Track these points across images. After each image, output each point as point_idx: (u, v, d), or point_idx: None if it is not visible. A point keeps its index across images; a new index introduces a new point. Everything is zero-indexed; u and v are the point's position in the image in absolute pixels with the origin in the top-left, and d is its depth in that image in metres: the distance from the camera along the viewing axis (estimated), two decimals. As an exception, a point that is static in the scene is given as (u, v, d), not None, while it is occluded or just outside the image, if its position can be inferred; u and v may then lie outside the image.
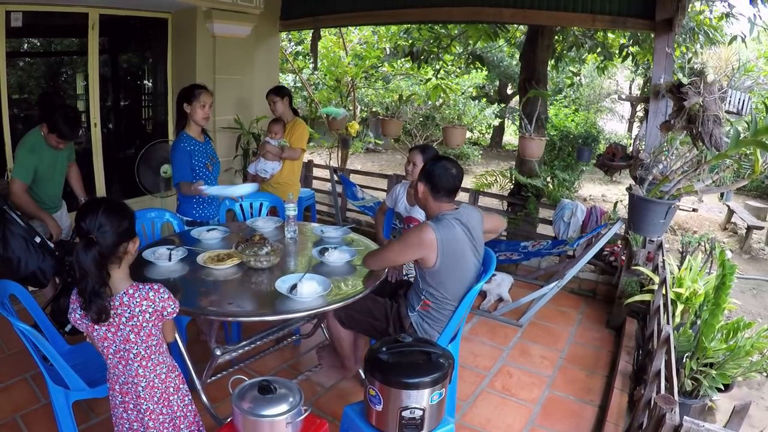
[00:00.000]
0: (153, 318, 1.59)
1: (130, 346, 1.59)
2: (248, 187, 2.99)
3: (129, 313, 1.56)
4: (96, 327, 1.57)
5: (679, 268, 3.27)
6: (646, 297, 3.24)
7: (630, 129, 15.13)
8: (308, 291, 2.03)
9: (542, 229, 4.92)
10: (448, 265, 2.08)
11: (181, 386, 1.75)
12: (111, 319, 1.55)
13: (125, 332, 1.57)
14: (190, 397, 1.80)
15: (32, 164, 2.85)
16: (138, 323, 1.57)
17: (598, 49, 6.37)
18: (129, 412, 1.67)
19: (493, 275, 3.98)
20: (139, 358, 1.62)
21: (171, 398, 1.70)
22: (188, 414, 1.77)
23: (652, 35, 3.88)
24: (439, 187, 2.13)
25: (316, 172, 6.24)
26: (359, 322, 2.40)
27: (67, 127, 2.85)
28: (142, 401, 1.64)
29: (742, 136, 2.90)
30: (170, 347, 1.78)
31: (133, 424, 1.68)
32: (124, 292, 1.56)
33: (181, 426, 1.73)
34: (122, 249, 1.58)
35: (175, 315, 1.66)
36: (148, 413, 1.66)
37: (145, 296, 1.57)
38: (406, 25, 6.77)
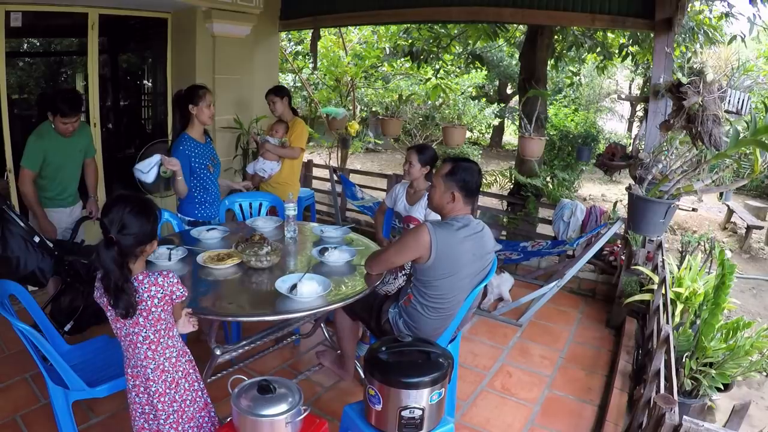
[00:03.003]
0: (162, 303, 1.63)
1: (139, 330, 1.63)
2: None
3: (138, 298, 1.59)
4: (110, 307, 1.60)
5: (679, 268, 3.27)
6: (646, 296, 3.24)
7: (630, 129, 15.11)
8: (308, 291, 2.03)
9: (542, 228, 4.92)
10: (441, 263, 2.06)
11: (191, 371, 1.77)
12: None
13: (134, 316, 1.61)
14: (200, 383, 1.82)
15: (39, 151, 2.86)
16: (147, 308, 1.61)
17: (598, 49, 6.37)
18: (140, 395, 1.71)
19: (502, 272, 4.00)
20: (147, 342, 1.65)
21: (180, 382, 1.72)
22: (197, 399, 1.78)
23: (652, 35, 3.88)
24: (473, 191, 2.16)
25: (316, 171, 6.24)
26: (357, 313, 2.44)
27: (65, 104, 2.85)
28: (152, 383, 1.68)
29: (741, 135, 2.90)
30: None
31: (144, 407, 1.72)
32: (134, 278, 1.60)
33: (187, 410, 1.75)
34: (139, 249, 1.62)
35: (183, 299, 1.69)
36: (157, 395, 1.68)
37: (155, 282, 1.60)
38: (405, 25, 6.77)
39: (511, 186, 6.36)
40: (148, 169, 2.78)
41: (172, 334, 1.71)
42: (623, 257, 3.85)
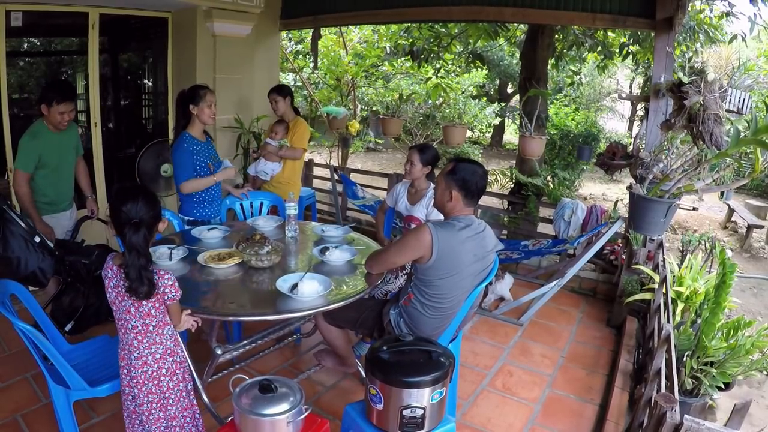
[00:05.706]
0: (153, 299, 1.68)
1: (130, 317, 1.70)
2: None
3: None
4: (110, 289, 1.71)
5: (680, 267, 3.27)
6: (647, 296, 3.24)
7: (630, 128, 15.13)
8: (309, 290, 2.03)
9: (543, 228, 4.92)
10: (442, 263, 2.06)
11: (177, 371, 1.80)
12: (119, 289, 1.68)
13: (127, 304, 1.68)
14: (188, 384, 1.85)
15: (34, 151, 2.81)
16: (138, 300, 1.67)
17: (599, 48, 6.37)
18: (124, 377, 1.78)
19: (502, 277, 4.00)
20: (135, 332, 1.72)
21: (162, 379, 1.76)
22: (181, 399, 1.82)
23: (653, 34, 3.88)
24: (473, 192, 2.13)
25: (317, 171, 6.24)
26: (347, 321, 2.43)
27: (60, 91, 2.78)
28: (133, 369, 1.74)
29: (742, 134, 2.89)
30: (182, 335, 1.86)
31: (125, 388, 1.79)
32: None
33: (171, 407, 1.79)
34: (155, 229, 1.75)
35: (175, 301, 1.75)
36: (135, 382, 1.74)
37: None
38: (406, 24, 6.77)
39: (512, 185, 6.36)
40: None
41: (162, 332, 1.75)
42: (624, 256, 3.85)
